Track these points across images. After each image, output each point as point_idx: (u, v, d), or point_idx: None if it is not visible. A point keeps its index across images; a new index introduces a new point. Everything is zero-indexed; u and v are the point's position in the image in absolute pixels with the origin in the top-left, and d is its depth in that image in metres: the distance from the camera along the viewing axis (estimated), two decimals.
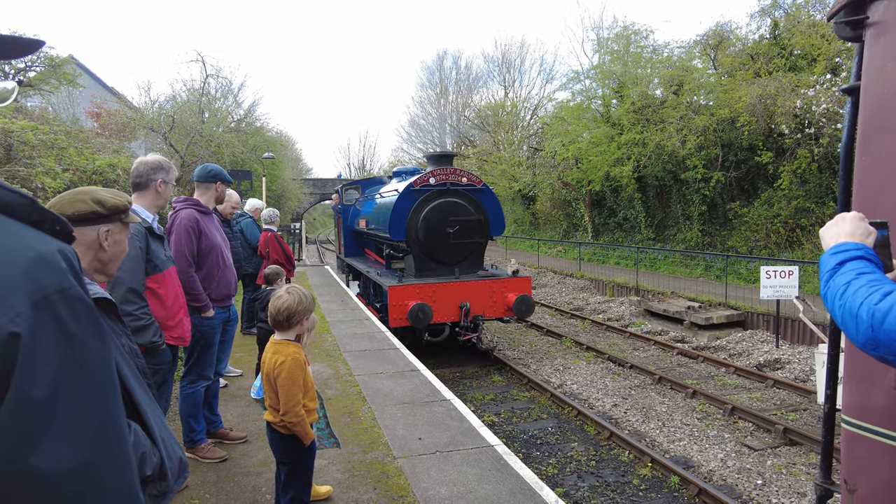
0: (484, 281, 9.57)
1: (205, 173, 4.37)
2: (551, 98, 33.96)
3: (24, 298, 0.68)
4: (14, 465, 0.65)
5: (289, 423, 2.77)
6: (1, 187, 0.75)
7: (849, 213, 1.48)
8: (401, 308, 8.87)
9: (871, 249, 1.39)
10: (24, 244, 0.72)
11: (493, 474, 3.95)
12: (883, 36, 1.79)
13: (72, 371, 0.71)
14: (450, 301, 9.21)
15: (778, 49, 17.80)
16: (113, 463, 0.75)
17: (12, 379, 0.65)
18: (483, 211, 10.03)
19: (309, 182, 52.22)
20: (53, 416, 0.68)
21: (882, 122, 1.80)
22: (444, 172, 9.92)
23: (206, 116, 19.27)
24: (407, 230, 9.67)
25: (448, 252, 9.83)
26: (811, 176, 15.96)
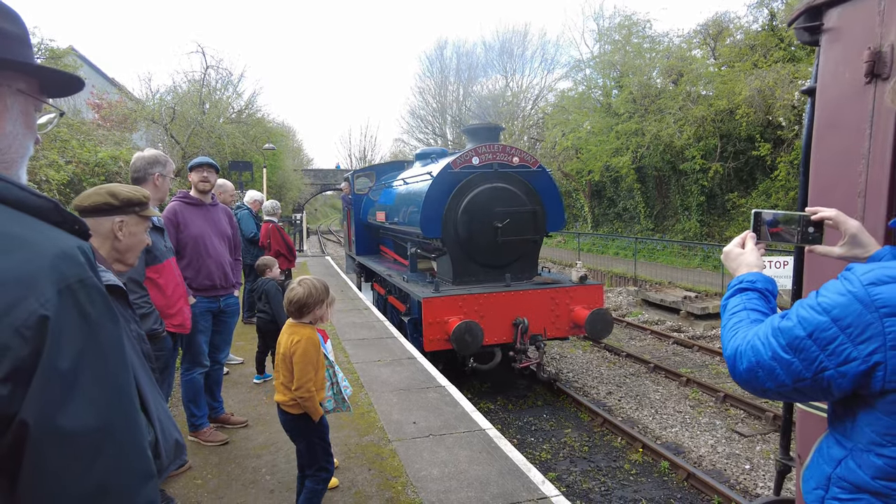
0: (544, 290, 7.43)
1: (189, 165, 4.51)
2: (552, 88, 33.97)
3: (51, 287, 0.81)
4: (45, 424, 0.79)
5: (299, 397, 2.92)
6: (30, 193, 0.89)
7: (750, 244, 1.55)
8: (439, 327, 6.81)
9: (768, 282, 1.45)
10: (49, 241, 0.85)
11: (484, 456, 4.11)
12: (836, 42, 1.92)
13: (90, 347, 0.84)
14: (501, 316, 7.15)
15: (776, 40, 17.80)
16: (126, 424, 0.89)
17: (42, 354, 0.79)
18: (538, 199, 7.87)
19: (310, 173, 52.26)
20: (76, 384, 0.82)
21: (833, 122, 1.93)
22: (490, 150, 7.68)
23: (207, 108, 19.35)
24: (443, 224, 7.54)
25: (495, 252, 7.69)
26: None
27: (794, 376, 1.12)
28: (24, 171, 1.02)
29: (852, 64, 1.85)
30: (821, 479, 1.20)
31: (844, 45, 1.89)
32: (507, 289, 7.37)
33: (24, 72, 0.98)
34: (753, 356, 1.19)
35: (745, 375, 1.22)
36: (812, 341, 1.09)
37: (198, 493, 3.60)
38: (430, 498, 3.54)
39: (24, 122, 1.00)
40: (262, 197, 9.26)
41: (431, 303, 6.85)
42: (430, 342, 6.84)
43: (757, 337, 1.20)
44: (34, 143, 1.05)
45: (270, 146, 18.91)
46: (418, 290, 7.32)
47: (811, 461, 1.26)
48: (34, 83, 1.01)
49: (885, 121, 1.76)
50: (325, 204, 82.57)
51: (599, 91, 23.77)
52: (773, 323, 1.18)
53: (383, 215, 10.43)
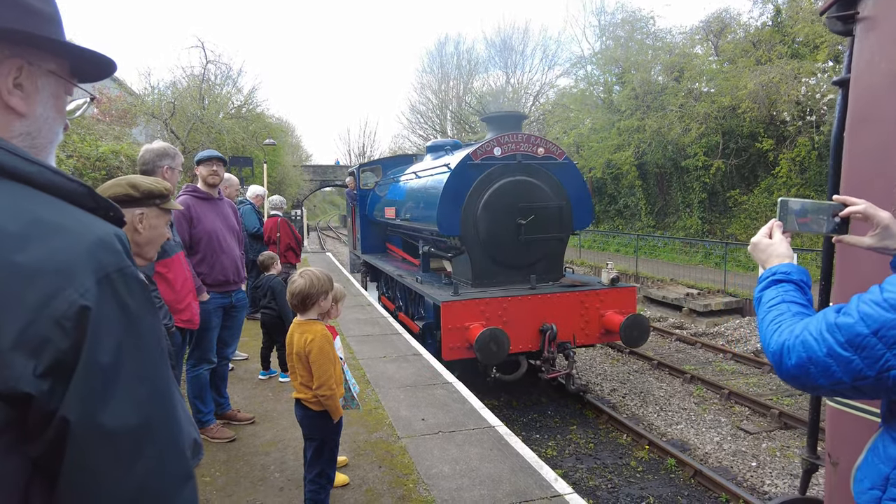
0: (573, 293, 6.83)
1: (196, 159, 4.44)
2: (553, 85, 33.89)
3: (90, 276, 0.77)
4: (87, 422, 0.74)
5: (321, 396, 2.85)
6: (64, 177, 0.84)
7: (778, 234, 1.50)
8: (459, 333, 6.25)
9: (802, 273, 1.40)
10: (86, 228, 0.81)
11: (495, 454, 4.08)
12: (872, 31, 1.87)
13: (130, 340, 0.80)
14: (526, 322, 6.55)
15: (780, 36, 17.75)
16: (166, 422, 0.84)
17: (83, 346, 0.74)
18: (565, 194, 7.29)
19: (309, 169, 52.15)
20: (116, 379, 0.77)
21: (870, 114, 1.88)
22: (512, 140, 7.06)
23: (207, 103, 19.26)
24: (462, 221, 6.96)
25: (518, 252, 7.12)
26: (811, 164, 16.01)
27: (854, 374, 1.07)
28: (54, 156, 0.97)
29: (889, 54, 1.81)
30: (877, 478, 1.16)
31: (881, 34, 1.84)
32: (532, 292, 6.72)
33: (55, 52, 0.93)
34: (805, 352, 1.15)
35: (795, 372, 1.17)
36: (877, 339, 1.04)
37: (206, 491, 3.55)
38: (442, 496, 3.50)
39: (54, 106, 0.95)
40: (265, 192, 9.20)
41: (451, 307, 6.26)
42: (450, 350, 6.22)
43: (808, 332, 1.16)
44: (63, 129, 1.01)
45: (271, 141, 18.79)
46: (435, 293, 6.73)
47: (864, 460, 1.22)
48: (65, 65, 0.96)
49: None
50: (323, 200, 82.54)
51: (601, 87, 23.71)
52: (829, 319, 1.13)
53: (393, 211, 9.79)
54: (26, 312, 0.71)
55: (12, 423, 0.72)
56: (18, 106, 0.88)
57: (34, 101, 0.91)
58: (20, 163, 0.81)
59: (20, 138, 0.89)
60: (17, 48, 0.87)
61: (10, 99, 0.87)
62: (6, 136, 0.86)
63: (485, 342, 5.92)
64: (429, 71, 43.32)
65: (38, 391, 0.71)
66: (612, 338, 7.04)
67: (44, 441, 0.73)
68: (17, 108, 0.88)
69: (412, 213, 8.43)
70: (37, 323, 0.72)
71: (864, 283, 1.86)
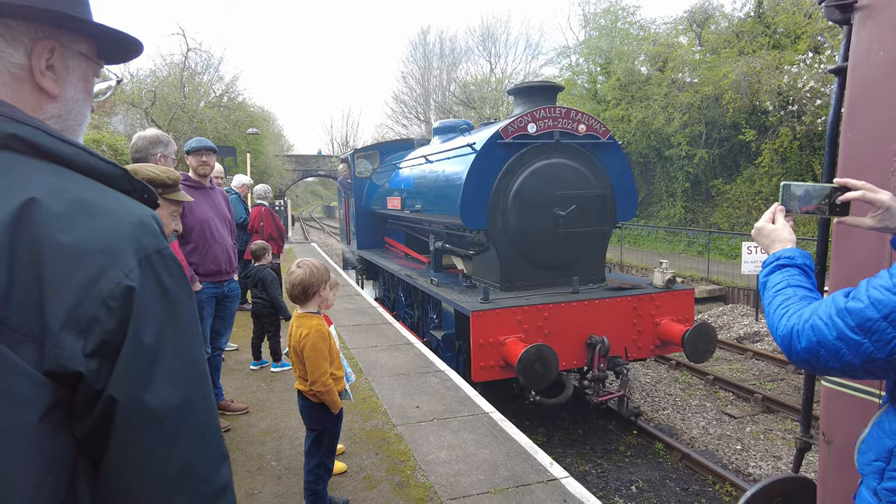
0: (625, 298, 5.77)
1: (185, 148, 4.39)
2: (537, 74, 33.87)
3: (132, 257, 0.77)
4: (134, 402, 0.75)
5: (317, 392, 2.86)
6: (100, 159, 0.84)
7: (781, 219, 1.53)
8: (493, 350, 5.20)
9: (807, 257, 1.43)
10: (126, 209, 0.81)
11: (490, 439, 4.12)
12: (870, 20, 1.91)
13: (169, 321, 0.80)
14: (570, 333, 5.50)
15: (762, 27, 17.94)
16: (204, 402, 0.85)
17: (129, 326, 0.75)
18: (608, 180, 6.24)
19: (291, 158, 51.64)
20: (159, 359, 0.78)
21: (866, 101, 1.93)
22: (550, 115, 5.94)
23: (188, 91, 18.96)
24: (490, 212, 5.88)
25: (554, 248, 6.04)
26: (792, 154, 16.26)
27: (865, 357, 1.11)
28: (82, 139, 0.97)
29: (887, 42, 1.85)
30: (881, 451, 1.20)
31: (879, 23, 1.88)
32: (576, 297, 5.65)
33: (86, 34, 0.92)
34: (815, 336, 1.18)
35: (805, 355, 1.21)
36: (888, 323, 1.08)
37: None
38: (440, 481, 3.54)
39: (83, 88, 0.94)
40: (250, 181, 9.10)
41: (483, 318, 5.15)
42: (482, 370, 5.15)
43: (817, 316, 1.19)
44: (90, 111, 1.00)
45: (254, 131, 18.60)
46: (459, 299, 5.67)
47: (869, 435, 1.27)
48: (94, 47, 0.95)
49: None
50: (305, 190, 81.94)
51: (585, 77, 23.77)
52: (838, 303, 1.17)
53: (397, 202, 8.63)
54: (75, 292, 0.72)
55: (62, 403, 0.72)
56: (51, 88, 0.88)
57: (65, 83, 0.91)
58: (58, 144, 0.80)
59: (52, 120, 0.89)
60: (50, 30, 0.87)
61: (42, 81, 0.87)
62: (39, 118, 0.86)
63: (529, 362, 4.85)
64: (412, 60, 43.05)
65: (87, 370, 0.72)
66: (668, 350, 6.13)
67: (90, 420, 0.74)
68: (49, 90, 0.88)
69: (424, 204, 7.30)
70: (85, 303, 0.72)
71: (860, 266, 1.92)
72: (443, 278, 6.98)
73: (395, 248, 10.39)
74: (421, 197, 7.47)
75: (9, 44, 0.83)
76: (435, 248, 7.49)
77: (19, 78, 0.84)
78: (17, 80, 0.84)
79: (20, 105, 0.83)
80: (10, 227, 0.70)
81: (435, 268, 7.67)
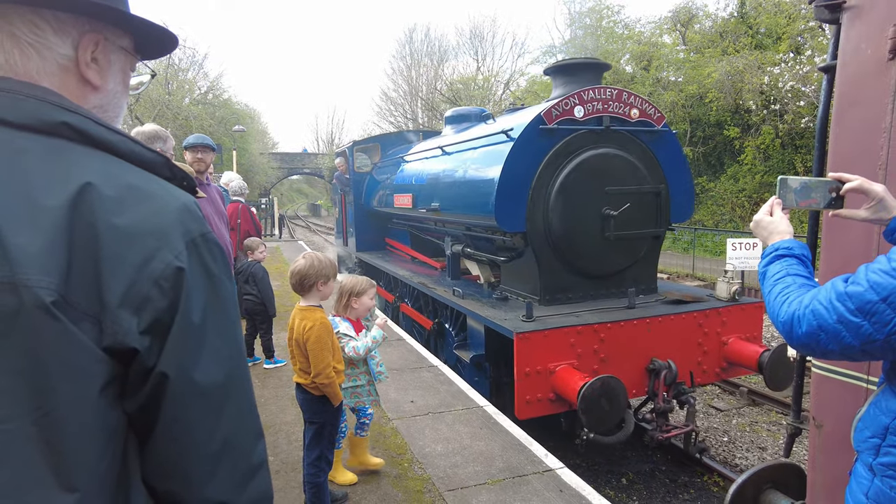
0: (689, 314, 4.86)
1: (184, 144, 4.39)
2: (523, 72, 34.04)
3: (180, 240, 0.80)
4: (184, 378, 0.79)
5: (320, 384, 2.88)
6: (143, 147, 0.87)
7: (778, 211, 1.60)
8: (541, 379, 4.28)
9: (804, 248, 1.50)
10: (171, 195, 0.84)
11: (485, 432, 4.18)
12: (858, 19, 1.99)
13: (213, 302, 0.84)
14: (630, 357, 4.62)
15: (745, 27, 18.21)
16: (243, 381, 0.89)
17: (179, 306, 0.78)
18: (662, 175, 5.35)
19: (276, 156, 51.35)
20: (205, 338, 0.81)
21: (855, 98, 2.01)
22: (599, 97, 5.03)
23: (173, 87, 18.78)
24: (528, 212, 4.96)
25: (602, 255, 5.13)
26: (774, 151, 16.54)
27: (864, 339, 1.17)
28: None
29: (875, 41, 1.93)
30: (878, 428, 1.27)
31: (867, 22, 1.96)
32: (633, 314, 4.71)
33: (126, 28, 0.96)
34: (815, 320, 1.24)
35: (806, 340, 1.26)
36: (886, 305, 1.14)
37: None
38: (438, 474, 3.58)
39: (122, 81, 0.98)
40: (239, 178, 9.04)
41: (530, 341, 4.21)
42: (527, 405, 4.22)
43: (818, 301, 1.25)
44: (126, 104, 1.03)
45: (240, 128, 18.49)
46: (496, 316, 4.72)
47: (866, 413, 1.34)
48: (132, 40, 0.99)
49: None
50: (290, 188, 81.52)
51: None
52: (838, 288, 1.23)
53: (407, 199, 7.66)
54: (130, 272, 0.75)
55: (118, 378, 0.76)
56: (94, 79, 0.91)
57: (107, 75, 0.94)
58: (106, 132, 0.83)
59: (95, 110, 0.92)
60: (96, 23, 0.90)
61: (87, 72, 0.90)
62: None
63: (594, 399, 3.91)
64: (399, 58, 42.99)
65: (142, 347, 0.75)
66: (736, 373, 5.31)
67: (142, 396, 0.77)
68: (93, 81, 0.91)
69: (444, 202, 6.32)
70: (139, 282, 0.75)
71: (849, 255, 2.00)
72: (464, 287, 5.97)
73: (398, 251, 9.57)
74: (439, 194, 6.51)
75: (58, 35, 0.86)
76: (453, 252, 6.59)
77: (66, 69, 0.88)
78: (63, 71, 0.87)
79: (66, 94, 0.86)
80: (69, 210, 0.74)
81: (452, 275, 6.76)
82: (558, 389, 4.24)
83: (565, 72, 5.46)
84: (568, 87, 5.32)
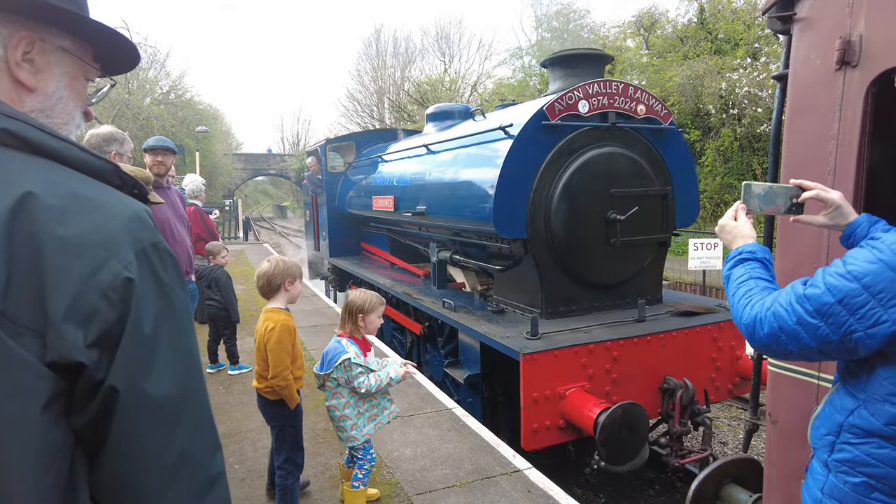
0: (704, 327, 4.47)
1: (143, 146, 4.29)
2: (490, 75, 34.25)
3: (130, 249, 0.78)
4: (134, 391, 0.76)
5: (276, 386, 2.88)
6: (91, 154, 0.84)
7: (742, 216, 1.66)
8: (550, 406, 3.86)
9: (766, 252, 1.55)
10: (121, 204, 0.82)
11: (453, 434, 4.19)
12: (808, 31, 2.07)
13: (165, 313, 0.82)
14: (642, 376, 4.21)
15: (705, 33, 18.72)
16: (199, 393, 0.87)
17: (129, 318, 0.76)
18: (668, 176, 4.98)
19: (240, 157, 50.50)
20: (157, 350, 0.79)
21: (805, 106, 2.08)
22: (604, 91, 4.64)
23: (134, 86, 18.27)
24: (529, 216, 4.51)
25: (607, 262, 4.71)
26: (733, 154, 17.04)
27: (821, 340, 1.21)
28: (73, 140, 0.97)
29: (823, 51, 2.00)
30: (832, 426, 1.32)
31: (816, 33, 2.04)
32: (645, 329, 4.29)
33: (68, 29, 0.92)
34: (776, 322, 1.28)
35: (767, 340, 1.30)
36: (842, 307, 1.18)
37: None
38: (406, 477, 3.57)
39: (68, 86, 0.94)
40: (198, 180, 8.79)
41: (538, 362, 3.80)
42: (535, 435, 3.81)
43: (779, 304, 1.29)
44: (86, 117, 1.00)
45: (204, 129, 18.08)
46: (497, 333, 4.28)
47: (822, 412, 1.38)
48: (85, 48, 0.96)
49: (853, 105, 1.92)
50: (255, 190, 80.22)
51: (538, 79, 24.20)
52: (797, 291, 1.27)
53: (388, 202, 7.06)
54: (75, 284, 0.73)
55: (62, 394, 0.73)
56: (27, 80, 0.88)
57: (46, 77, 0.91)
58: (49, 139, 0.81)
59: (34, 115, 0.89)
60: (29, 21, 0.87)
61: (18, 72, 0.87)
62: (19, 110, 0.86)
63: (613, 428, 3.47)
64: (365, 58, 42.71)
65: (89, 361, 0.73)
66: (748, 389, 4.22)
67: (90, 411, 0.75)
68: (25, 82, 0.88)
69: (432, 204, 5.75)
70: (86, 294, 0.73)
71: (801, 257, 2.08)
72: (454, 298, 5.44)
73: (376, 256, 9.11)
74: (425, 196, 5.95)
75: None
76: (440, 259, 6.08)
77: None
78: None
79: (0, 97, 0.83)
80: (7, 220, 0.71)
81: (438, 283, 6.25)
82: (569, 416, 3.83)
83: (565, 63, 5.05)
84: (568, 81, 4.93)
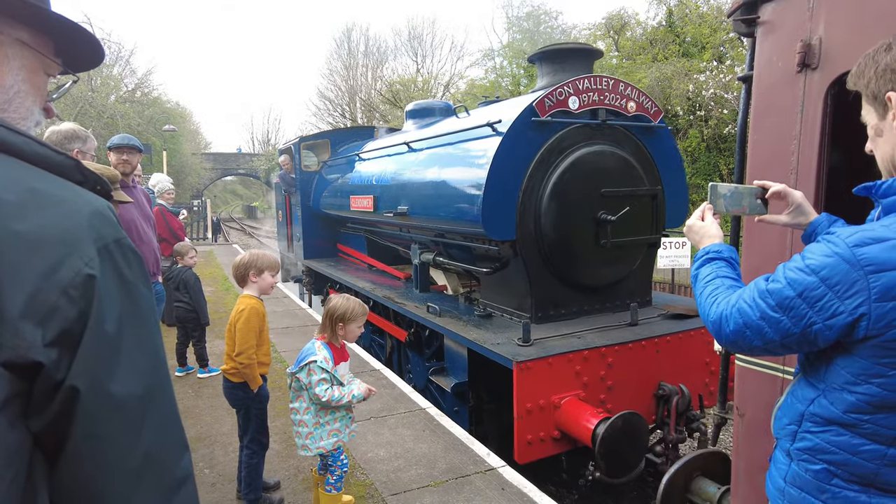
0: (698, 331, 4.34)
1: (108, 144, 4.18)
2: (462, 75, 34.33)
3: (92, 246, 0.76)
4: (97, 391, 0.74)
5: (240, 364, 3.04)
6: (51, 149, 0.82)
7: (709, 217, 1.68)
8: (544, 416, 3.71)
9: (732, 252, 1.58)
10: (82, 199, 0.79)
11: (427, 434, 4.18)
12: (771, 34, 2.12)
13: (129, 310, 0.80)
14: (637, 383, 4.10)
15: (673, 36, 19.09)
16: (164, 392, 0.85)
17: (90, 316, 0.74)
18: (658, 175, 4.90)
19: (209, 157, 49.66)
20: (120, 349, 0.77)
21: (768, 106, 2.14)
22: (595, 87, 4.53)
23: (97, 83, 17.79)
24: (519, 217, 4.37)
25: (597, 264, 4.61)
26: (700, 154, 17.42)
27: (783, 333, 1.25)
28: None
29: (785, 54, 2.06)
30: (794, 416, 1.35)
31: (778, 37, 2.10)
32: (639, 334, 4.18)
33: (23, 20, 0.89)
34: (741, 318, 1.31)
35: (733, 337, 1.34)
36: (801, 300, 1.22)
37: None
38: (380, 478, 3.56)
39: (26, 80, 0.91)
40: (166, 180, 8.59)
41: (532, 371, 3.65)
42: (529, 447, 3.65)
43: (742, 300, 1.32)
44: (46, 114, 0.97)
45: (171, 128, 17.69)
46: (486, 339, 4.11)
47: (784, 402, 1.42)
48: (46, 42, 0.93)
49: (814, 106, 1.98)
50: (224, 190, 78.87)
51: (509, 80, 24.35)
52: (760, 286, 1.30)
53: (368, 202, 6.81)
54: (33, 281, 0.70)
55: (19, 395, 0.71)
56: None
57: (2, 70, 0.88)
58: (6, 133, 0.78)
59: None
60: None
61: None
62: None
63: (613, 439, 3.35)
64: (336, 57, 42.33)
65: (47, 360, 0.71)
66: None
67: (49, 413, 0.73)
68: None
69: (415, 205, 5.52)
70: (45, 291, 0.71)
71: (766, 255, 2.13)
72: (438, 302, 5.24)
73: (352, 258, 8.84)
74: (407, 196, 5.70)
75: None
76: (421, 261, 5.87)
77: None
78: None
79: None
80: None
81: (421, 287, 6.04)
82: (564, 427, 3.69)
83: (554, 58, 4.89)
84: (557, 77, 4.79)
